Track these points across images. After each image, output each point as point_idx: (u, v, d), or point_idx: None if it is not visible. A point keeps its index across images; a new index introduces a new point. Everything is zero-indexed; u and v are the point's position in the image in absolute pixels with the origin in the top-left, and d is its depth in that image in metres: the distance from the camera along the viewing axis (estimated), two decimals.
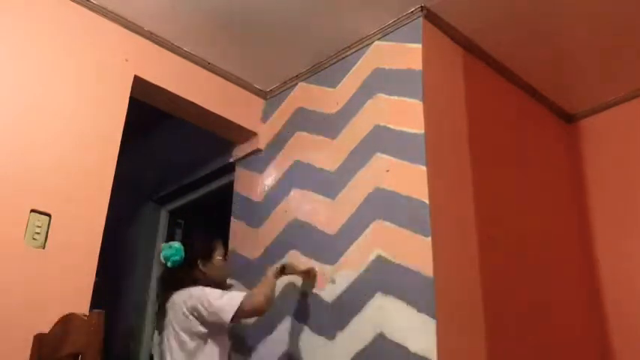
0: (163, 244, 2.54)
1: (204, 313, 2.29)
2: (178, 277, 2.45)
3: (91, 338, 1.69)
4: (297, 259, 2.69)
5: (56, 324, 1.93)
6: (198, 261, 2.49)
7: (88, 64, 2.61)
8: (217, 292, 2.35)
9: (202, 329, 2.30)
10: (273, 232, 2.87)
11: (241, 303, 2.27)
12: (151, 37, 2.84)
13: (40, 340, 1.98)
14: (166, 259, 2.47)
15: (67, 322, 1.87)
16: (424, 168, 2.37)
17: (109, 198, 2.50)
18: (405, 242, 2.32)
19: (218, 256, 2.54)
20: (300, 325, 2.56)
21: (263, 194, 3.03)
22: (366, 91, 2.73)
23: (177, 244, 2.50)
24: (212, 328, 2.31)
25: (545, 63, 2.96)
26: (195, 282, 2.41)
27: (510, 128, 2.97)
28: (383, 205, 2.45)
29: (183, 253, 2.47)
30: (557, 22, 2.72)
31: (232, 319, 2.27)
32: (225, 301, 2.29)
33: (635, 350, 2.73)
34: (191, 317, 2.30)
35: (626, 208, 2.97)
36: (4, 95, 2.35)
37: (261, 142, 3.16)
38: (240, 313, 2.28)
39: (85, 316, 1.77)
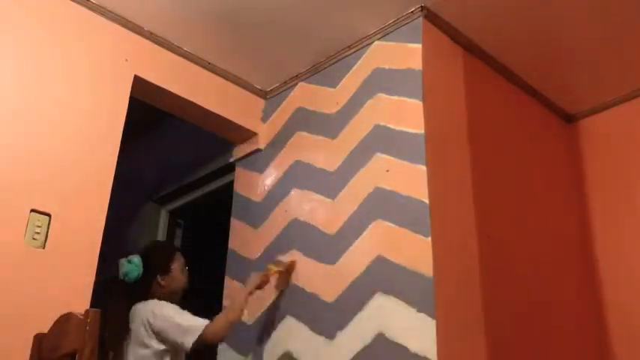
0: (121, 260, 2.42)
1: (167, 336, 2.26)
2: (138, 292, 2.40)
3: (87, 337, 1.70)
4: (298, 259, 2.69)
5: (55, 323, 1.93)
6: (157, 276, 2.43)
7: (88, 64, 2.61)
8: (182, 316, 2.31)
9: (162, 347, 2.28)
10: (273, 232, 2.87)
11: (203, 332, 2.25)
12: (150, 37, 2.84)
13: (39, 339, 1.98)
14: (124, 275, 2.39)
15: (64, 321, 1.88)
16: (424, 168, 2.37)
17: (109, 198, 2.50)
18: (405, 242, 2.33)
19: (176, 268, 2.49)
20: (300, 325, 2.56)
21: (263, 194, 3.03)
22: (366, 91, 2.73)
23: (136, 259, 2.41)
24: (172, 347, 2.29)
25: (545, 63, 2.96)
26: (154, 295, 2.40)
27: (510, 128, 2.97)
28: (383, 205, 2.45)
29: (141, 269, 2.40)
30: (557, 22, 2.72)
31: (192, 347, 2.25)
32: (188, 328, 2.26)
33: (635, 350, 2.73)
34: (152, 334, 2.28)
35: (626, 208, 2.97)
36: (5, 95, 2.35)
37: (261, 142, 3.15)
38: (201, 341, 2.26)
39: (82, 315, 1.77)
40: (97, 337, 1.72)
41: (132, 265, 2.39)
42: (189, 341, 2.23)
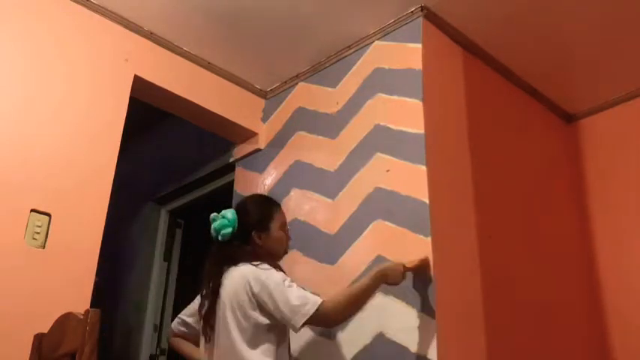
0: (213, 215, 2.17)
1: (272, 309, 1.94)
2: (229, 254, 2.10)
3: (87, 337, 1.70)
4: (298, 259, 2.69)
5: (55, 323, 1.93)
6: (253, 233, 2.13)
7: (88, 63, 2.61)
8: (292, 289, 1.96)
9: (266, 320, 1.97)
10: None
11: (317, 311, 1.91)
12: (151, 37, 2.84)
13: (39, 339, 1.98)
14: (217, 231, 2.13)
15: (64, 321, 1.88)
16: (424, 168, 2.37)
17: (109, 198, 2.50)
18: (405, 242, 2.32)
19: (276, 226, 2.19)
20: None
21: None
22: (366, 91, 2.73)
23: (230, 214, 2.15)
24: (279, 323, 1.98)
25: (545, 63, 2.96)
26: (249, 256, 2.08)
27: (510, 128, 2.97)
28: (383, 205, 2.45)
29: (236, 224, 2.13)
30: (557, 22, 2.72)
31: (301, 327, 1.93)
32: (299, 304, 1.92)
33: (635, 350, 2.73)
34: (255, 304, 1.96)
35: (626, 208, 2.97)
36: (5, 95, 2.35)
37: (261, 141, 3.16)
38: (312, 321, 1.94)
39: (82, 315, 1.77)
40: (96, 336, 1.72)
41: (224, 220, 2.13)
42: (298, 320, 1.91)
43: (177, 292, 3.66)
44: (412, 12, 2.65)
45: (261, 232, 2.15)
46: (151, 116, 3.40)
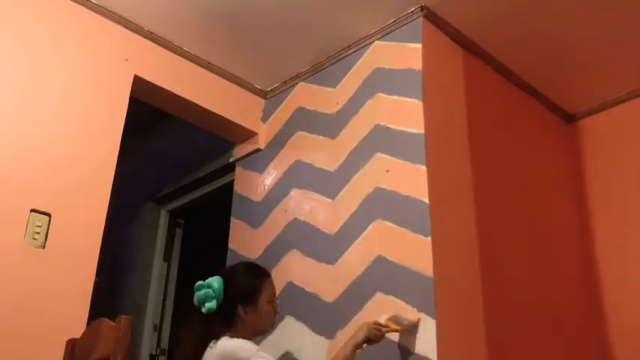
0: (199, 283, 1.94)
1: None
2: (212, 328, 1.90)
3: (119, 343, 1.71)
4: (298, 259, 2.69)
5: (88, 328, 1.95)
6: (239, 306, 1.94)
7: (88, 63, 2.61)
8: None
9: None
10: (273, 231, 2.87)
11: None
12: (151, 37, 2.84)
13: (72, 344, 1.99)
14: (201, 302, 1.91)
15: (97, 327, 1.89)
16: (424, 168, 2.37)
17: (109, 198, 2.50)
18: (405, 242, 2.33)
19: (265, 301, 1.99)
20: (300, 325, 2.56)
21: (263, 194, 3.03)
22: (366, 91, 2.73)
23: (216, 283, 1.92)
24: None
25: (545, 63, 2.96)
26: (232, 331, 1.91)
27: (510, 128, 2.97)
28: (383, 205, 2.46)
29: (222, 295, 1.92)
30: (557, 22, 2.72)
31: None
32: None
33: (634, 350, 2.73)
34: None
35: (626, 208, 2.97)
36: (5, 95, 2.36)
37: (261, 141, 3.16)
38: None
39: (114, 321, 1.78)
40: (128, 344, 1.73)
41: (209, 290, 1.92)
42: None
43: (177, 292, 3.66)
44: (412, 12, 2.65)
45: (247, 306, 1.95)
46: (150, 116, 3.40)
